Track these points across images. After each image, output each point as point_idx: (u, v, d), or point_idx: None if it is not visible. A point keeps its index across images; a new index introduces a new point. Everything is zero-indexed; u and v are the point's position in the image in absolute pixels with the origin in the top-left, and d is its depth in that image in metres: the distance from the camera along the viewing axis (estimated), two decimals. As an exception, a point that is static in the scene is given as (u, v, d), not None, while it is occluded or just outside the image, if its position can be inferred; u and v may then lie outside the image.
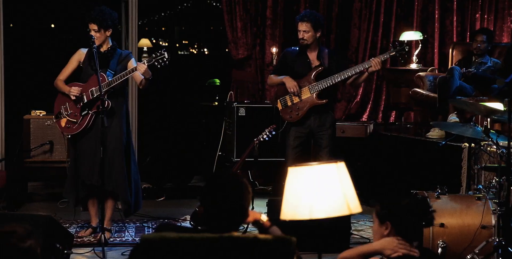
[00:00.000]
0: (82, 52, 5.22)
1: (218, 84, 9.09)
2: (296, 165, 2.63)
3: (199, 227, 4.50)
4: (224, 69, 8.35)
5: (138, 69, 4.91)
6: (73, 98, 5.10)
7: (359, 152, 6.71)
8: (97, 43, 5.03)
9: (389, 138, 6.65)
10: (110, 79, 5.01)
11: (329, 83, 5.19)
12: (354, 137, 6.79)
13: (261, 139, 5.19)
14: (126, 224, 5.58)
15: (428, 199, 4.19)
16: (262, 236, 2.42)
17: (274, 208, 4.63)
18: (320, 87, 5.22)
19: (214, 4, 14.70)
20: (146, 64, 4.90)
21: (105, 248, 4.78)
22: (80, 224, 5.55)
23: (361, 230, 5.54)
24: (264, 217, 2.71)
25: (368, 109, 7.72)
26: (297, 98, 5.28)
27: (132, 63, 5.15)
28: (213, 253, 2.39)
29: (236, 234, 2.46)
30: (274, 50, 7.10)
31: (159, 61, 4.89)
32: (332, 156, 5.22)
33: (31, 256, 2.46)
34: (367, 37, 7.64)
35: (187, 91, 9.24)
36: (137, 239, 5.17)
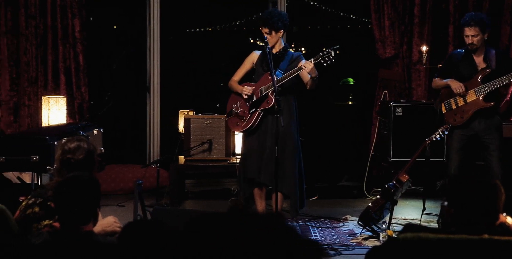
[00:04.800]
0: (256, 54, 5.34)
1: (352, 83, 9.04)
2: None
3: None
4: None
5: (305, 66, 4.94)
6: (245, 97, 5.21)
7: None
8: (269, 44, 5.10)
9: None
10: (279, 78, 5.08)
11: (497, 85, 5.03)
12: (509, 137, 6.56)
13: (434, 139, 5.10)
14: (289, 223, 5.63)
15: None
16: (524, 239, 2.35)
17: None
18: (487, 90, 5.06)
19: (312, 3, 14.64)
20: (313, 62, 4.93)
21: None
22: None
23: None
24: (510, 220, 2.64)
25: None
26: (462, 101, 5.17)
27: (302, 63, 5.19)
28: (473, 255, 2.35)
29: (495, 237, 2.40)
30: (424, 48, 6.96)
31: (325, 59, 4.90)
32: (501, 159, 5.09)
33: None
34: (518, 34, 7.38)
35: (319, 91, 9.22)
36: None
